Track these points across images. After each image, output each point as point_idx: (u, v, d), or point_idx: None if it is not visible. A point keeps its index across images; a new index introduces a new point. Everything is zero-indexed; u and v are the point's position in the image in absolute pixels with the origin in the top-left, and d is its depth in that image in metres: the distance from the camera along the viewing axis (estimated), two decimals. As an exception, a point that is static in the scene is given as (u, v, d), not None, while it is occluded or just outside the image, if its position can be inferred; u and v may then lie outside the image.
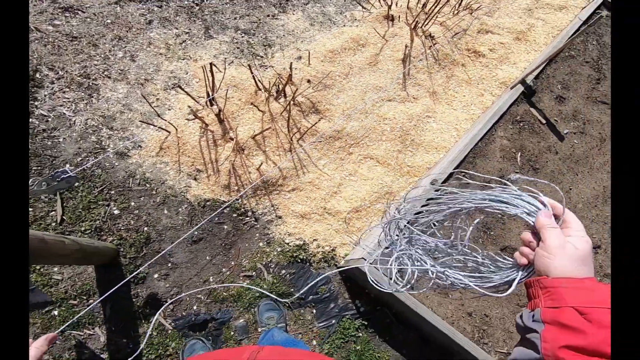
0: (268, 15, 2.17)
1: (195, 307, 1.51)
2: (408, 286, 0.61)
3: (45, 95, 1.70)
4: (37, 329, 1.39)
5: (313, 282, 1.58)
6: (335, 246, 1.68)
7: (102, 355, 1.40)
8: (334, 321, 1.56)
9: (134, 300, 1.48)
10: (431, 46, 2.19)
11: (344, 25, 2.23)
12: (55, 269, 1.47)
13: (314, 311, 1.57)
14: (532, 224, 0.50)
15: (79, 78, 1.76)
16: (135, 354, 1.37)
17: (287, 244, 1.66)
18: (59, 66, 1.76)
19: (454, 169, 1.76)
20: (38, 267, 1.45)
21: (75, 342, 1.40)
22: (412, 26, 2.17)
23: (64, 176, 1.17)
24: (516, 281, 0.52)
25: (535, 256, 0.48)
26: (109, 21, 1.92)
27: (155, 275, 1.53)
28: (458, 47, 2.25)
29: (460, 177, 1.75)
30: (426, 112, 2.02)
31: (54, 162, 1.60)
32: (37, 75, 1.72)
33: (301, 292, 1.56)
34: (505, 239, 1.74)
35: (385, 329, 1.59)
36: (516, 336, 1.56)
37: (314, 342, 1.52)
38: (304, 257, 1.64)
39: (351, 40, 2.10)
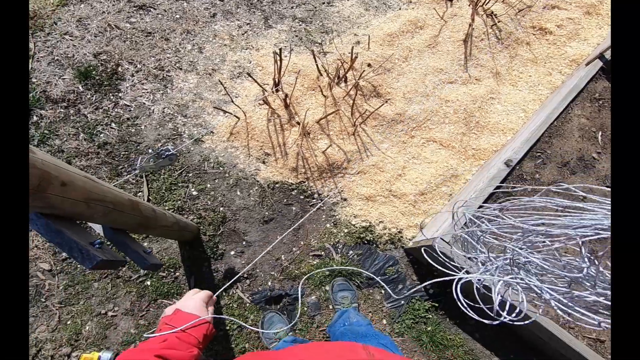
0: (323, 3, 2.34)
1: (269, 283, 1.70)
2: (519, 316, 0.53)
3: (127, 87, 1.97)
4: (132, 297, 1.64)
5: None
6: (402, 228, 1.80)
7: (189, 323, 1.62)
8: (402, 302, 1.68)
9: (214, 274, 1.69)
10: (493, 25, 2.24)
11: (400, 9, 2.34)
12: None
13: (383, 292, 1.71)
14: None
15: (154, 70, 2.02)
16: (224, 317, 1.58)
17: (354, 225, 1.81)
18: (137, 60, 2.03)
19: (529, 149, 1.82)
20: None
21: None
22: (474, 4, 2.24)
23: (167, 153, 1.39)
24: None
25: None
26: (177, 16, 2.18)
27: (232, 253, 1.74)
28: (522, 24, 2.28)
29: (537, 157, 1.80)
30: (490, 93, 2.08)
31: (138, 147, 1.86)
32: (119, 69, 2.00)
33: (371, 273, 1.70)
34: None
35: (457, 310, 1.68)
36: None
37: (384, 322, 1.66)
38: (371, 239, 1.78)
39: (409, 23, 2.21)
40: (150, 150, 1.83)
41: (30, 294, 1.61)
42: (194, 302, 0.72)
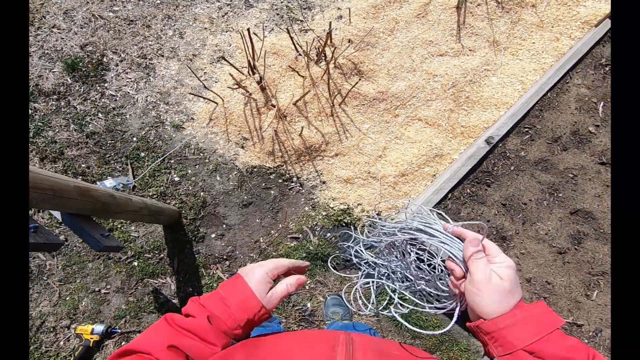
0: (307, -25, 2.47)
1: (248, 264, 1.95)
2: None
3: (112, 77, 2.26)
4: (122, 276, 1.97)
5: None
6: (381, 210, 1.98)
7: (173, 300, 1.93)
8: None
9: (196, 256, 1.98)
10: (493, -13, 2.27)
11: (389, -24, 2.42)
12: (132, 227, 2.04)
13: (359, 272, 1.91)
14: (455, 257, 0.57)
15: (137, 59, 2.29)
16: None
17: (332, 208, 2.01)
18: (120, 49, 2.31)
19: (515, 124, 1.90)
20: (119, 226, 2.03)
21: (152, 289, 1.95)
22: (470, -34, 2.27)
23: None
24: (456, 313, 0.59)
25: (465, 290, 0.54)
26: (158, 1, 2.42)
27: (213, 235, 2.01)
28: (527, -16, 2.28)
29: (524, 132, 1.88)
30: (485, 65, 2.15)
31: (123, 135, 2.16)
32: (104, 59, 2.29)
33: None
34: (576, 202, 1.84)
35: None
36: (585, 306, 1.71)
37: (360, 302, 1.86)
38: (349, 221, 1.98)
39: (397, -8, 2.30)
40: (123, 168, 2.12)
41: (33, 273, 1.99)
42: (259, 274, 0.61)
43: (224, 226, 2.02)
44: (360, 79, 2.14)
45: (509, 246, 1.75)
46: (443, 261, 0.63)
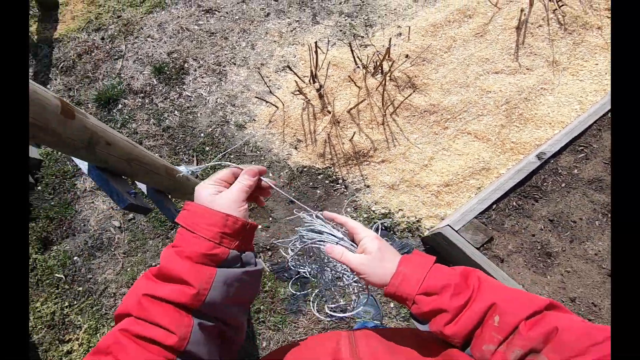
0: (371, -3, 2.89)
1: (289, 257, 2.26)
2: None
3: (190, 80, 2.81)
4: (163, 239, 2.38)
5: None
6: (421, 218, 2.19)
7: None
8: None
9: (242, 243, 2.34)
10: (556, 9, 2.48)
11: (450, -2, 2.75)
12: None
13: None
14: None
15: (213, 66, 2.83)
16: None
17: (373, 211, 2.26)
18: (200, 57, 2.87)
19: (570, 141, 2.04)
20: (180, 207, 2.47)
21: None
22: (533, -10, 2.51)
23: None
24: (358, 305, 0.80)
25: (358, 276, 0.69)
26: (237, 17, 2.98)
27: (259, 226, 2.36)
28: (594, 6, 2.46)
29: (579, 151, 2.01)
30: (542, 83, 2.33)
31: (193, 131, 2.65)
32: (186, 65, 2.86)
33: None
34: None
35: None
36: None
37: (392, 304, 2.06)
38: (389, 225, 2.21)
39: (457, 12, 2.60)
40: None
41: (104, 244, 2.48)
42: (205, 188, 0.61)
43: (270, 219, 2.36)
44: (413, 92, 2.43)
45: (553, 263, 1.86)
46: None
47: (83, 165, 1.19)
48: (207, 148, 2.56)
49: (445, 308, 0.58)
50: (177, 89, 2.76)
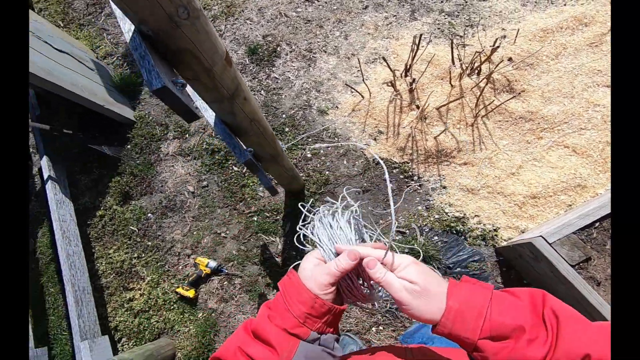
0: (478, -3, 3.17)
1: (350, 245, 2.56)
2: None
3: (280, 64, 3.30)
4: (241, 226, 2.80)
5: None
6: (499, 227, 2.36)
7: (276, 259, 2.65)
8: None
9: (306, 225, 2.69)
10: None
11: (564, 4, 2.92)
12: (260, 188, 2.89)
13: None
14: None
15: (304, 52, 3.30)
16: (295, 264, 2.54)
17: (446, 213, 2.48)
18: (293, 42, 3.36)
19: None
20: (250, 184, 2.91)
21: (261, 243, 2.72)
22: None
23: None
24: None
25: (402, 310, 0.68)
26: (334, 7, 3.44)
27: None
28: None
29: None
30: (663, 102, 2.40)
31: (275, 112, 3.11)
32: (278, 48, 3.36)
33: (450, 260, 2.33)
34: None
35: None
36: None
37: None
38: (461, 230, 2.41)
39: (572, 19, 2.77)
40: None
41: (176, 205, 2.99)
42: (309, 261, 0.76)
43: (339, 205, 2.69)
44: (513, 97, 2.64)
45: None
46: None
47: (210, 118, 1.61)
48: (287, 129, 2.99)
49: None
50: (267, 70, 3.26)
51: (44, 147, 3.09)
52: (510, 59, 2.77)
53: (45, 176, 2.99)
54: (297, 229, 0.93)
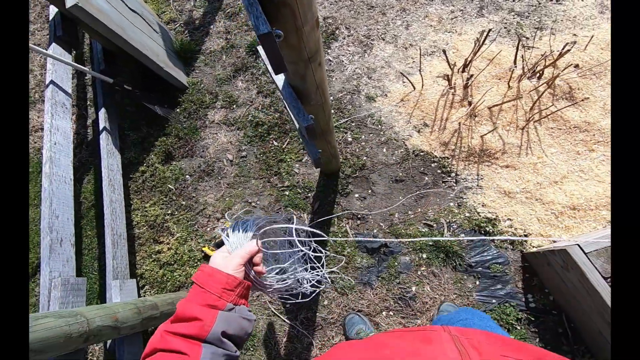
0: (551, 0, 3.28)
1: (375, 231, 2.77)
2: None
3: (336, 46, 3.58)
4: (272, 198, 3.10)
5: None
6: (530, 234, 2.48)
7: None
8: (494, 301, 2.37)
9: (335, 205, 2.93)
10: None
11: (652, 15, 2.96)
12: (297, 165, 3.17)
13: (477, 282, 2.45)
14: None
15: (362, 37, 3.56)
16: (324, 238, 2.79)
17: (478, 213, 2.63)
18: (352, 26, 3.63)
19: None
20: (288, 160, 3.20)
21: (289, 217, 3.00)
22: None
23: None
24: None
25: None
26: (401, -4, 3.68)
27: (356, 195, 2.93)
28: None
29: None
30: None
31: (324, 93, 3.39)
32: (337, 31, 3.65)
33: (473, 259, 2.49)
34: None
35: (553, 335, 2.21)
36: None
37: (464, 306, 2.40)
38: (490, 231, 2.56)
39: (652, 31, 2.82)
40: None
41: (214, 171, 3.35)
42: (218, 256, 1.00)
43: (370, 191, 2.91)
44: (573, 104, 2.74)
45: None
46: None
47: (279, 82, 1.85)
48: (333, 111, 3.26)
49: None
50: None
51: (104, 100, 3.57)
52: (577, 66, 2.87)
53: (101, 127, 3.46)
54: (219, 231, 1.27)
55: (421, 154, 2.92)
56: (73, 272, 2.52)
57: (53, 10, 3.70)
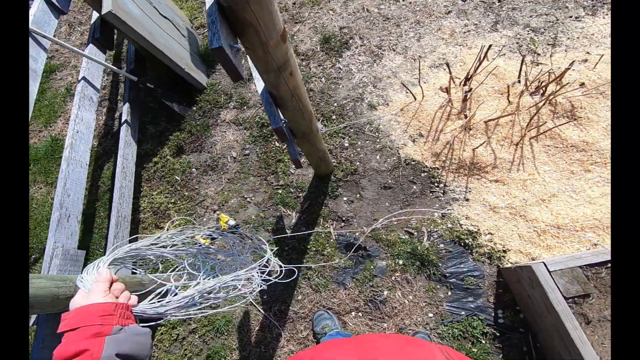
0: (570, 17, 3.15)
1: (357, 234, 2.74)
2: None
3: (347, 55, 3.61)
4: (266, 196, 3.14)
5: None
6: (509, 249, 2.36)
7: (287, 230, 2.93)
8: (463, 313, 2.26)
9: (323, 207, 2.93)
10: None
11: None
12: (292, 166, 3.20)
13: (449, 293, 2.35)
14: None
15: (373, 47, 3.57)
16: (307, 232, 2.79)
17: (460, 224, 2.54)
18: (366, 37, 3.65)
19: None
20: (285, 160, 3.24)
21: (278, 215, 3.03)
22: None
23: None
24: None
25: None
26: (417, 9, 3.66)
27: (345, 198, 2.91)
28: None
29: None
30: None
31: (329, 99, 3.42)
32: (350, 41, 3.68)
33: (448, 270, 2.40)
34: None
35: (517, 353, 2.08)
36: None
37: (430, 315, 2.31)
38: (469, 244, 2.46)
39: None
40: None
41: (218, 166, 3.44)
42: (90, 294, 0.98)
43: (358, 195, 2.89)
44: (570, 121, 2.61)
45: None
46: None
47: (260, 86, 1.97)
48: (334, 116, 3.28)
49: None
50: (333, 60, 3.59)
51: (129, 96, 3.78)
52: (582, 84, 2.74)
53: (123, 120, 3.66)
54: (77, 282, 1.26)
55: (412, 163, 2.87)
56: (75, 245, 2.66)
57: (95, 14, 3.99)
